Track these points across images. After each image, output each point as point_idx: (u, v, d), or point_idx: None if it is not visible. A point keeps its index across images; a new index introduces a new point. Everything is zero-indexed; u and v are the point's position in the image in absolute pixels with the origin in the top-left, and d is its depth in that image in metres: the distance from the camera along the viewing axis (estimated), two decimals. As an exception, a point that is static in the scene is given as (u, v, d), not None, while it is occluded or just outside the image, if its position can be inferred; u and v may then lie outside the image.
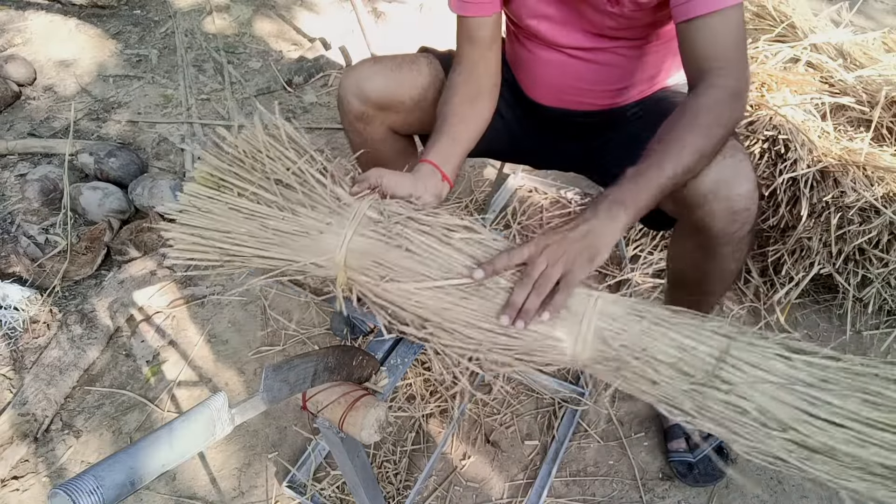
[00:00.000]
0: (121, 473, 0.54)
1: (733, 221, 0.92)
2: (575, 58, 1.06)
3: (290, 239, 0.82)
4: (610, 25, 0.99)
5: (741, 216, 0.92)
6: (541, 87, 1.15)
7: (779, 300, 1.53)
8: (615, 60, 1.06)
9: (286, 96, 2.42)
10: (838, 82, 1.58)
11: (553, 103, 1.16)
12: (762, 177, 1.46)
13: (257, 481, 1.32)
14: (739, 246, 0.97)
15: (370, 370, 0.84)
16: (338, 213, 0.83)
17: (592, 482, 1.29)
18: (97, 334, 1.57)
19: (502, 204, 1.87)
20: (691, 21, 0.85)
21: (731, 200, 0.90)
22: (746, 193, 0.90)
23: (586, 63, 1.07)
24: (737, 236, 0.94)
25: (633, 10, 0.94)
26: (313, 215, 0.82)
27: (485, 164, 2.06)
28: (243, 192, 0.85)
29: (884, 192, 1.35)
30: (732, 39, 0.85)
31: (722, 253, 0.98)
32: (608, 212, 0.76)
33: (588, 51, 1.05)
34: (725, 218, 0.92)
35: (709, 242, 0.97)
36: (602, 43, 1.03)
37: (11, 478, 1.35)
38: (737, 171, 0.88)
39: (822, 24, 1.81)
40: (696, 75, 0.87)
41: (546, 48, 1.08)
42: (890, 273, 1.43)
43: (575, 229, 0.76)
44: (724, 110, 0.82)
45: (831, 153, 1.40)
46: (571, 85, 1.11)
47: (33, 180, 1.92)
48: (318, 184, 0.85)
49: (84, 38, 2.72)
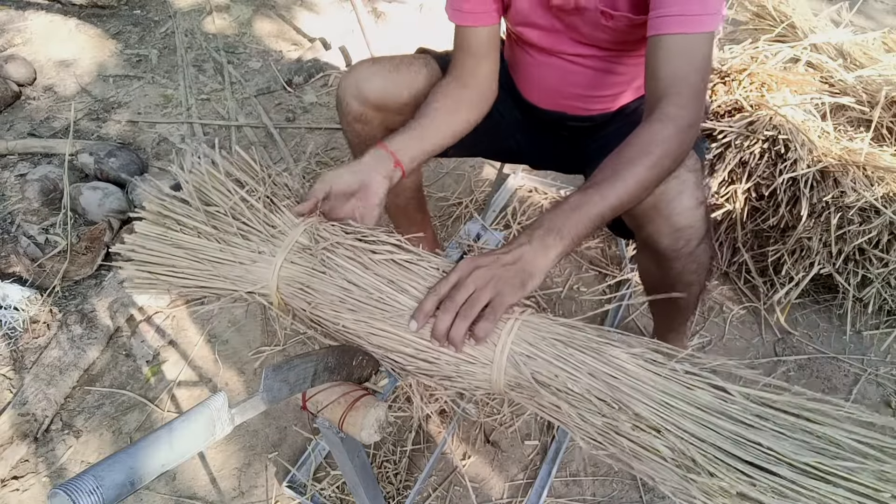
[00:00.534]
0: (121, 473, 0.54)
1: (678, 238, 0.92)
2: (569, 62, 1.07)
3: (226, 269, 0.86)
4: (603, 37, 1.00)
5: (685, 233, 0.92)
6: (537, 90, 1.16)
7: (779, 300, 1.53)
8: (608, 67, 1.06)
9: (286, 96, 2.42)
10: (838, 82, 1.58)
11: (549, 106, 1.16)
12: (762, 177, 1.46)
13: (257, 481, 1.32)
14: (691, 260, 0.97)
15: (370, 370, 0.84)
16: (271, 241, 0.86)
17: (592, 482, 1.29)
18: (97, 334, 1.57)
19: (502, 204, 1.88)
20: (660, 37, 0.83)
21: (672, 218, 0.90)
22: (687, 210, 0.90)
23: (581, 69, 1.07)
24: (684, 252, 0.95)
25: (627, 25, 0.95)
26: (246, 245, 0.86)
27: (485, 164, 2.06)
28: (184, 229, 0.89)
29: (884, 192, 1.35)
30: (696, 66, 0.83)
31: (674, 267, 0.98)
32: (543, 239, 0.74)
33: (581, 57, 1.05)
34: (669, 235, 0.92)
35: (659, 258, 0.98)
36: (595, 51, 1.04)
37: (11, 478, 1.35)
38: (679, 189, 0.88)
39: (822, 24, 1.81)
40: (653, 98, 0.85)
41: (541, 52, 1.09)
42: (890, 273, 1.43)
43: (507, 253, 0.74)
44: (674, 145, 0.81)
45: (831, 153, 1.40)
46: (566, 90, 1.11)
47: (33, 180, 1.92)
48: (253, 214, 0.88)
49: (84, 38, 2.72)
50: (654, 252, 0.97)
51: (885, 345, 1.52)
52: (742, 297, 1.63)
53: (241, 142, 2.20)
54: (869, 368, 1.48)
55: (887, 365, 1.49)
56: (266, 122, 2.26)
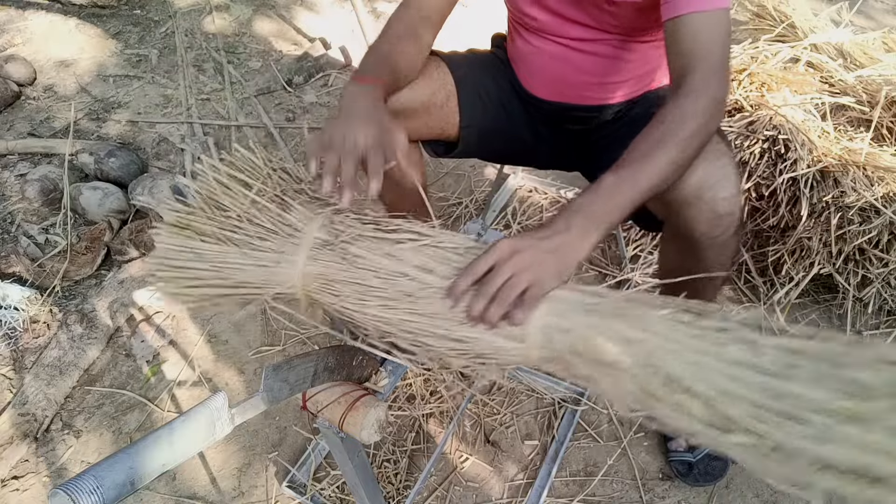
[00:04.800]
0: (121, 473, 0.54)
1: (716, 226, 0.91)
2: (574, 49, 1.06)
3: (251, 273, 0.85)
4: (609, 21, 0.99)
5: (724, 220, 0.91)
6: (539, 79, 1.15)
7: (779, 300, 1.53)
8: (615, 53, 1.05)
9: (286, 96, 2.42)
10: (838, 82, 1.58)
11: (551, 97, 1.15)
12: (762, 177, 1.46)
13: (257, 481, 1.32)
14: (723, 250, 0.96)
15: (370, 370, 0.84)
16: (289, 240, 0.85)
17: (592, 482, 1.29)
18: (97, 334, 1.57)
19: (502, 204, 1.88)
20: (678, 18, 0.84)
21: (714, 204, 0.89)
22: (730, 197, 0.89)
23: (585, 55, 1.06)
24: (720, 240, 0.94)
25: (630, 9, 0.95)
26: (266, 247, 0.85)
27: (485, 164, 2.06)
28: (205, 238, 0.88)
29: (884, 192, 1.35)
30: (718, 41, 0.83)
31: (706, 256, 0.97)
32: (582, 227, 0.73)
33: (587, 42, 1.05)
34: (708, 222, 0.91)
35: (692, 246, 0.96)
36: (601, 35, 1.03)
37: (11, 478, 1.35)
38: (721, 176, 0.87)
39: (822, 24, 1.81)
40: (679, 75, 0.84)
41: (546, 40, 1.08)
42: (890, 273, 1.43)
43: (547, 240, 0.72)
44: (705, 120, 0.79)
45: (831, 153, 1.40)
46: (570, 77, 1.10)
47: (33, 180, 1.92)
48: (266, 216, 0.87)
49: (84, 38, 2.72)
50: (687, 240, 0.96)
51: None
52: (742, 297, 1.63)
53: (241, 142, 2.20)
54: (869, 368, 1.48)
55: (887, 365, 1.49)
56: (266, 122, 2.26)
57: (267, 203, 0.88)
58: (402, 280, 0.77)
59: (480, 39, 1.35)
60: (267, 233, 0.86)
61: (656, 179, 0.76)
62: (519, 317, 0.69)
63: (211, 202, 0.91)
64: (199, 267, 0.87)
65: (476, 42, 1.36)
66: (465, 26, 2.52)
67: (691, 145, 0.79)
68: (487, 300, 0.70)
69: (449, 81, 1.14)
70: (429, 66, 1.13)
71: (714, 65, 0.82)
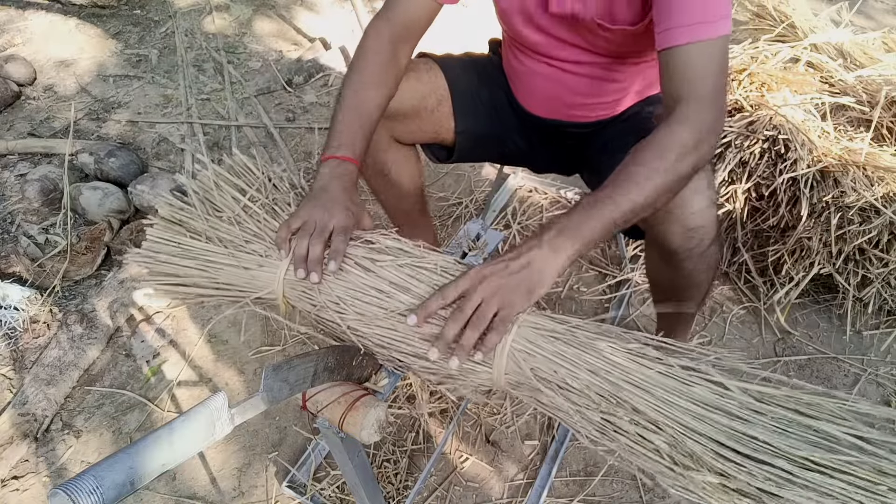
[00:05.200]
0: (121, 473, 0.54)
1: (689, 238, 0.91)
2: (568, 71, 1.06)
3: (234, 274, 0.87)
4: (603, 45, 0.99)
5: (697, 233, 0.91)
6: (535, 99, 1.15)
7: (779, 300, 1.53)
8: (609, 75, 1.05)
9: (286, 96, 2.42)
10: (838, 82, 1.58)
11: (547, 115, 1.16)
12: (762, 177, 1.46)
13: (257, 481, 1.32)
14: (702, 260, 0.96)
15: (370, 370, 0.84)
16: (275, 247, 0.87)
17: (592, 482, 1.29)
18: (97, 334, 1.57)
19: (502, 204, 1.88)
20: (670, 50, 0.82)
21: (685, 219, 0.89)
22: (700, 211, 0.89)
23: (579, 77, 1.06)
24: (696, 252, 0.94)
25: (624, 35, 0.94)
26: (251, 249, 0.87)
27: (485, 164, 2.06)
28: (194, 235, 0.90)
29: (884, 192, 1.35)
30: (713, 70, 0.81)
31: (685, 267, 0.98)
32: (552, 243, 0.72)
33: (582, 64, 1.04)
34: (681, 235, 0.91)
35: (670, 257, 0.97)
36: (595, 58, 1.03)
37: (11, 478, 1.35)
38: (692, 189, 0.86)
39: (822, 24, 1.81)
40: (672, 100, 0.83)
41: (540, 62, 1.08)
42: (890, 273, 1.43)
43: (515, 260, 0.73)
44: (692, 149, 0.78)
45: (831, 153, 1.40)
46: (564, 97, 1.10)
47: (33, 180, 1.92)
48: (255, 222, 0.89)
49: (84, 38, 2.72)
50: (664, 251, 0.96)
51: (885, 345, 1.52)
52: (742, 297, 1.63)
53: (240, 142, 2.20)
54: (869, 368, 1.48)
55: (887, 365, 1.49)
56: (266, 122, 2.26)
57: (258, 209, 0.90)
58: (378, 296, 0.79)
59: (480, 40, 1.35)
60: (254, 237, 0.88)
61: (641, 202, 0.76)
62: (492, 341, 0.70)
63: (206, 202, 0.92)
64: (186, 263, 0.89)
65: (476, 42, 1.36)
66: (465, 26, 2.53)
67: (679, 171, 0.78)
68: (460, 325, 0.71)
69: (441, 85, 1.13)
70: (419, 69, 1.12)
71: (709, 94, 0.80)
